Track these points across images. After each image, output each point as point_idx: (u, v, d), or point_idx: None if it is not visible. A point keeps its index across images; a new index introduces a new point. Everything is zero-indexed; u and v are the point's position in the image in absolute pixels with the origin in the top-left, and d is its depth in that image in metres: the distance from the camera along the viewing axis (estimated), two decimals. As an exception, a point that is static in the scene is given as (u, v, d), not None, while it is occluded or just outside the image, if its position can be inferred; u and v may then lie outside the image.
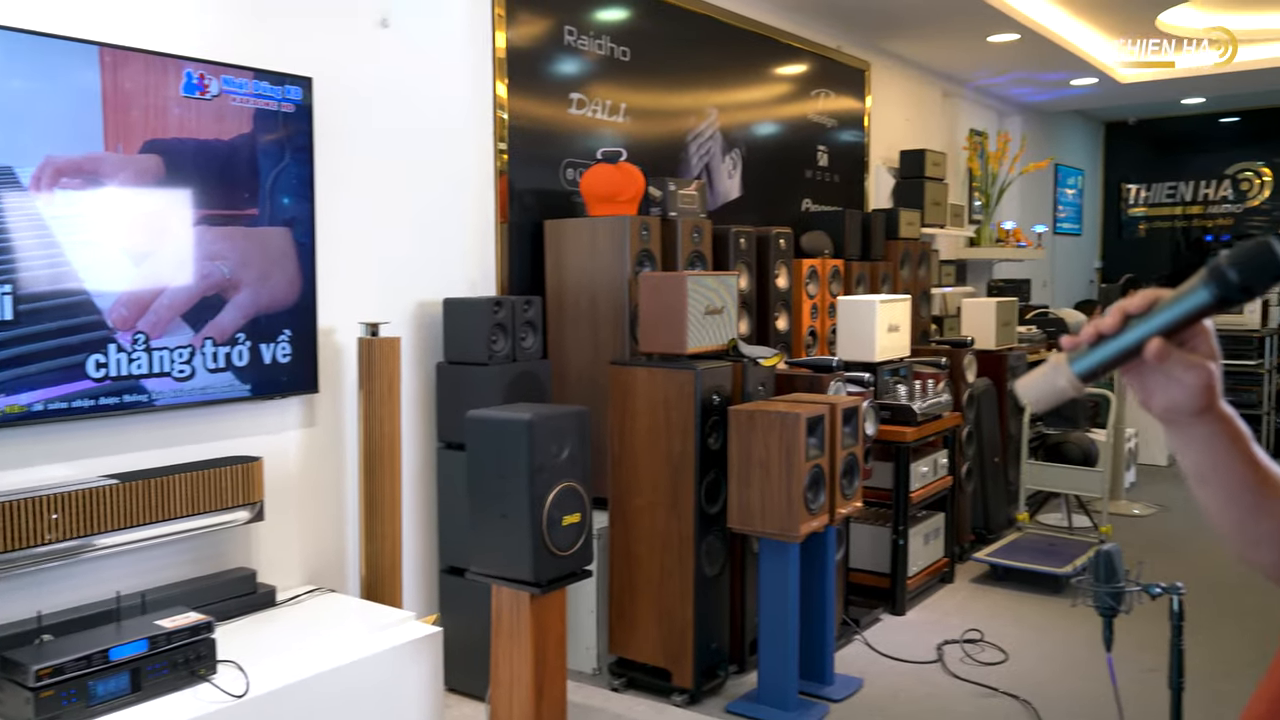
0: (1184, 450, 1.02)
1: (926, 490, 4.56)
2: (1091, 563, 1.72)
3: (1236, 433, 1.01)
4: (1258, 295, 0.90)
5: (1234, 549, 1.07)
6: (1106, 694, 2.82)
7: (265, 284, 2.93)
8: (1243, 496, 1.02)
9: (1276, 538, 1.03)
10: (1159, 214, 10.92)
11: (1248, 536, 1.04)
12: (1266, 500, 1.02)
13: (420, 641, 2.82)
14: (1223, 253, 0.90)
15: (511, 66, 3.82)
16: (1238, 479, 1.02)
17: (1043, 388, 0.98)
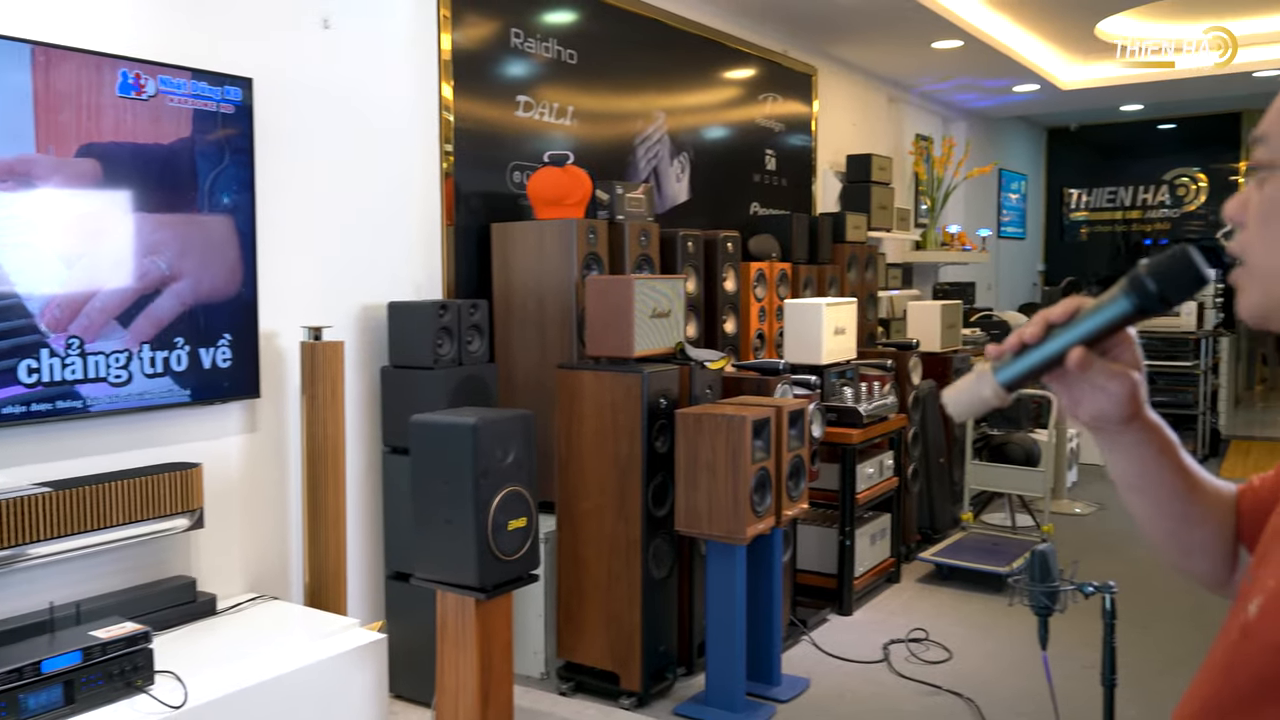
0: (1113, 459, 1.03)
1: (873, 491, 4.61)
2: (1027, 563, 1.75)
3: (1165, 441, 1.02)
4: (1176, 305, 0.91)
5: (1168, 558, 1.08)
6: (1047, 691, 2.87)
7: (205, 287, 2.88)
8: (1172, 505, 1.03)
9: (1209, 547, 1.04)
10: (1100, 218, 11.15)
11: (1180, 545, 1.06)
12: (1196, 509, 1.04)
13: (364, 649, 2.79)
14: (1142, 262, 0.91)
15: (457, 68, 3.80)
16: (1167, 487, 1.03)
17: (968, 397, 0.98)
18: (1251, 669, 0.79)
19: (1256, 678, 0.78)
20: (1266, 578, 0.82)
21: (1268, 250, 0.82)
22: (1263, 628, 0.78)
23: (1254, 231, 0.83)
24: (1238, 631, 0.83)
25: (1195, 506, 1.04)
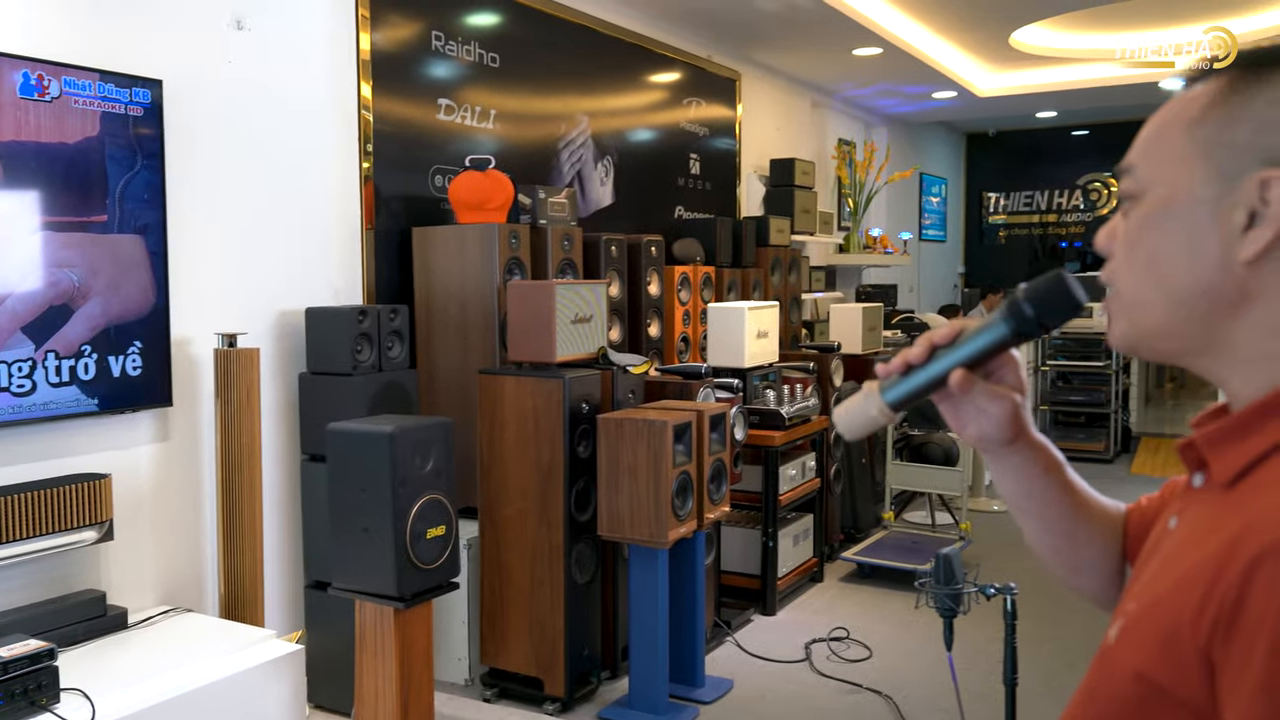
0: (1000, 478, 1.05)
1: (795, 493, 4.67)
2: (932, 566, 1.80)
3: (1051, 461, 1.03)
4: (1053, 329, 0.93)
5: (1056, 575, 1.10)
6: (967, 690, 2.94)
7: (115, 293, 2.81)
8: (1059, 524, 1.05)
9: (1097, 565, 1.06)
10: (1018, 221, 11.44)
11: (1067, 564, 1.08)
12: (1083, 528, 1.05)
13: (281, 660, 2.75)
14: (1021, 287, 0.93)
15: (377, 69, 3.76)
16: (1054, 506, 1.04)
17: (856, 416, 0.99)
18: (1110, 693, 0.80)
19: (1114, 703, 0.79)
20: (1128, 601, 0.84)
21: (1134, 280, 0.84)
22: (1119, 653, 0.80)
23: (1121, 260, 0.85)
24: (1099, 658, 0.84)
25: (1083, 526, 1.05)
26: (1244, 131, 0.78)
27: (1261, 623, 0.66)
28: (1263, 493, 0.74)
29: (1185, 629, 0.72)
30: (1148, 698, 0.75)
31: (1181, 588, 0.74)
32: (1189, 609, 0.72)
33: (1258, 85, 0.78)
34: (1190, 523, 0.83)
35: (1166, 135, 0.83)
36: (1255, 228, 0.76)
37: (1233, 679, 0.68)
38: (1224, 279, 0.78)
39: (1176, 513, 0.87)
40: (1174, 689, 0.73)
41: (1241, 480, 0.77)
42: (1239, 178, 0.77)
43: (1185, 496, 0.88)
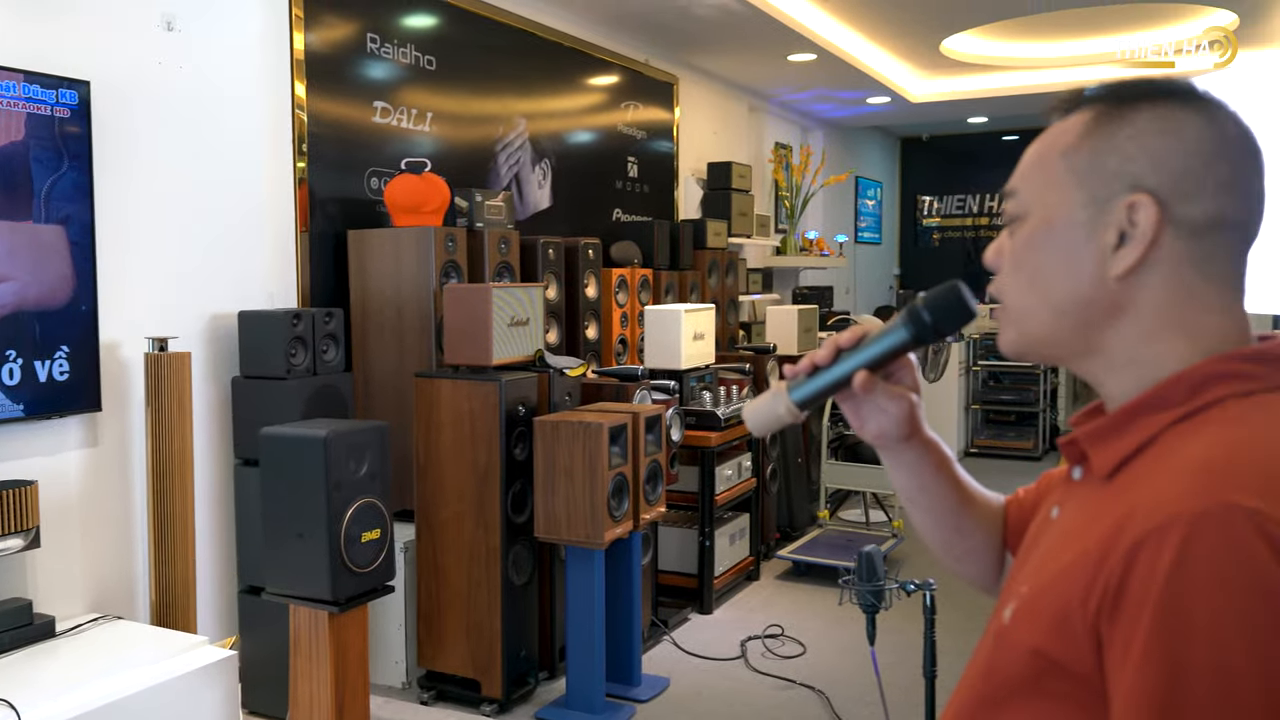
0: (895, 473, 1.13)
1: (731, 492, 4.74)
2: (855, 563, 1.86)
3: (941, 457, 1.12)
4: (948, 335, 1.01)
5: (944, 563, 1.19)
6: (890, 682, 3.02)
7: (40, 297, 2.77)
8: (947, 516, 1.14)
9: (980, 553, 1.16)
10: (951, 224, 11.66)
11: (953, 552, 1.17)
12: (968, 519, 1.14)
13: (214, 666, 2.73)
14: (920, 295, 1.01)
15: (311, 70, 3.75)
16: (943, 500, 1.13)
17: (764, 414, 1.05)
18: (1007, 671, 0.86)
19: (1011, 678, 0.86)
20: (1019, 585, 0.90)
21: (1019, 292, 0.92)
22: (1014, 631, 0.86)
23: (1008, 276, 0.93)
24: (993, 636, 0.91)
25: (968, 517, 1.14)
26: (1112, 160, 0.86)
27: (1144, 601, 0.73)
28: (1139, 484, 0.81)
29: (1076, 608, 0.79)
30: (1044, 671, 0.82)
31: (1071, 571, 0.81)
32: (1079, 590, 0.79)
33: (1121, 119, 0.87)
34: (1073, 512, 0.90)
35: (1045, 163, 0.91)
36: (1125, 246, 0.85)
37: (1119, 652, 0.75)
38: (1099, 292, 0.86)
39: (1058, 503, 0.95)
40: (1067, 663, 0.80)
41: (1119, 473, 0.85)
42: (1110, 202, 0.85)
43: (1065, 488, 0.95)
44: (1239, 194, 0.84)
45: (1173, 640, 0.71)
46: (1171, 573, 0.72)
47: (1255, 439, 0.79)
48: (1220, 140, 0.84)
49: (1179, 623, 0.71)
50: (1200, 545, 0.72)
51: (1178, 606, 0.71)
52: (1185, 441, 0.81)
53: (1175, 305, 0.85)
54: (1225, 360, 0.83)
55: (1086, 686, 0.79)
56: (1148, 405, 0.85)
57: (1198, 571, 0.71)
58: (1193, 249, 0.84)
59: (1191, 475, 0.76)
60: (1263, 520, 0.71)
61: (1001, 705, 0.87)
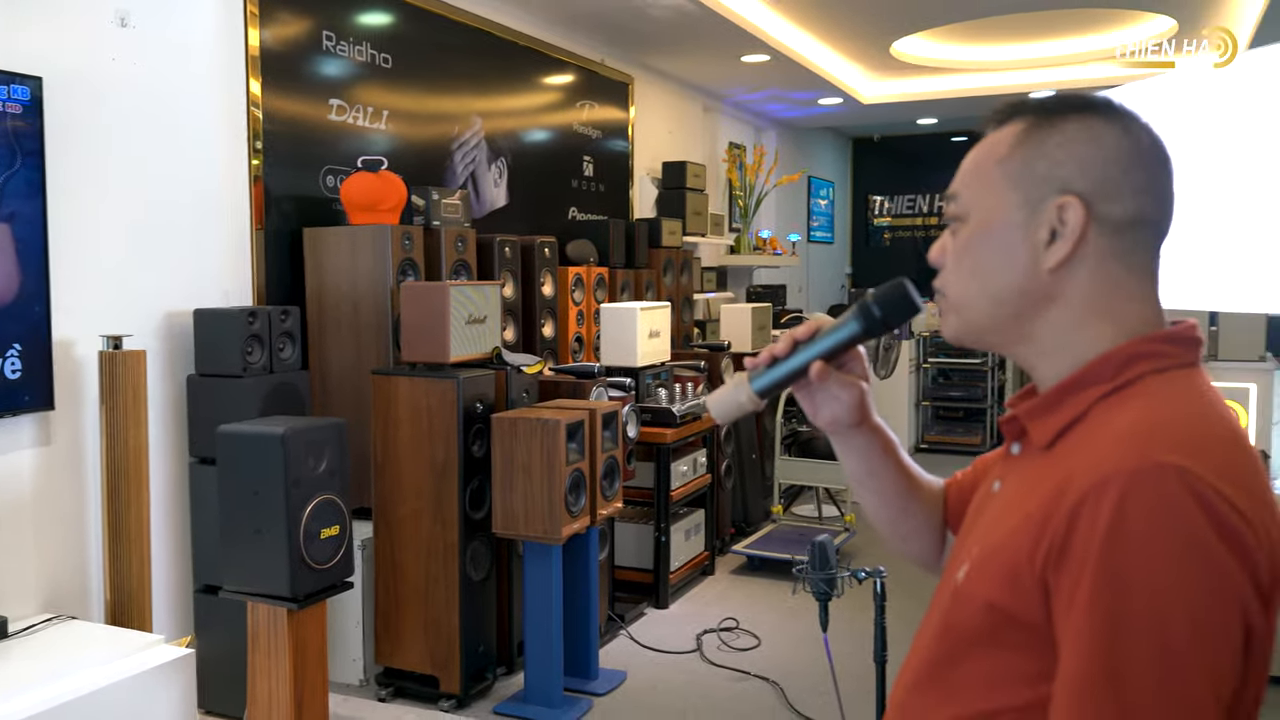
0: (846, 457, 1.22)
1: (687, 488, 4.79)
2: (809, 553, 1.91)
3: (888, 443, 1.22)
4: (896, 328, 1.09)
5: (891, 542, 1.29)
6: (841, 668, 3.09)
7: (-10, 295, 2.74)
8: (893, 497, 1.24)
9: (923, 532, 1.25)
10: (901, 224, 11.83)
11: (899, 531, 1.26)
12: (913, 500, 1.24)
13: (170, 665, 2.73)
14: (870, 291, 1.09)
15: (267, 67, 3.74)
16: (889, 482, 1.23)
17: (727, 403, 1.13)
18: (965, 626, 0.96)
19: (968, 632, 0.95)
20: (971, 546, 1.00)
21: (961, 285, 1.02)
22: (970, 588, 0.95)
23: (950, 271, 1.03)
24: (949, 596, 0.99)
25: (912, 499, 1.24)
26: (1042, 166, 0.96)
27: (1086, 552, 0.83)
28: (1076, 451, 0.91)
29: (1024, 563, 0.88)
30: (998, 623, 0.92)
31: (1020, 530, 0.90)
32: (1026, 546, 0.88)
33: (1050, 129, 0.97)
34: (1015, 483, 1.00)
35: (982, 169, 1.01)
36: (1056, 243, 0.95)
37: (1065, 600, 0.84)
38: (1033, 284, 0.97)
39: (999, 477, 1.05)
40: (1019, 614, 0.89)
41: (1056, 444, 0.95)
42: (1041, 203, 0.96)
43: (1005, 464, 1.06)
44: (1153, 196, 0.95)
45: (1113, 586, 0.81)
46: (1111, 525, 0.82)
47: (1175, 408, 0.90)
48: (1136, 149, 0.95)
49: (1118, 571, 0.81)
50: (1135, 500, 0.81)
51: (1117, 556, 0.81)
52: (1114, 413, 0.91)
53: (1100, 295, 0.95)
54: (1145, 341, 0.94)
55: (1038, 635, 0.88)
56: (1079, 383, 0.95)
57: (1134, 523, 0.81)
58: (1115, 244, 0.94)
59: (1123, 440, 0.86)
60: (1188, 476, 0.81)
61: (960, 659, 0.96)
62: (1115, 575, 0.81)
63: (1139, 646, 0.80)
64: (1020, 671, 0.90)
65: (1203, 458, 0.83)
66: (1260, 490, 0.87)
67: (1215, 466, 0.83)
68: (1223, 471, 0.83)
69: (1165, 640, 0.79)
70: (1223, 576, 0.80)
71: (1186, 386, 0.93)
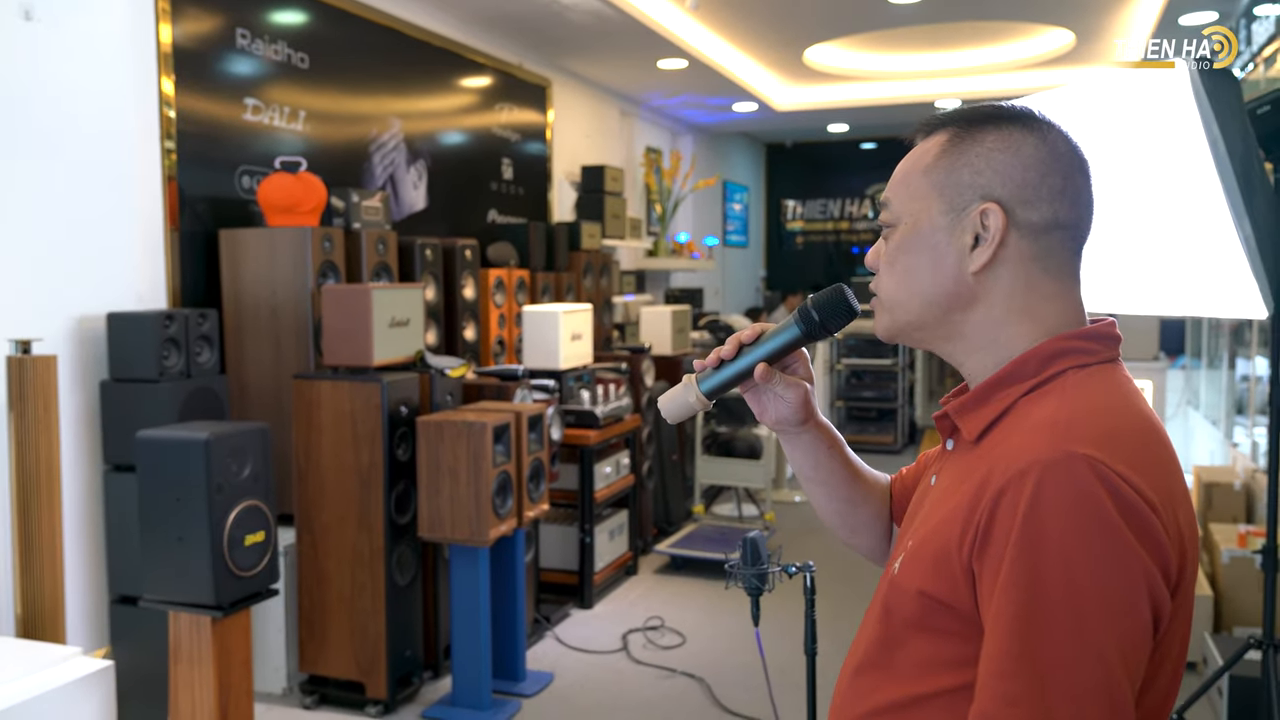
0: (793, 455, 1.27)
1: (610, 489, 4.82)
2: (740, 549, 1.96)
3: (833, 439, 1.27)
4: (834, 332, 1.15)
5: (839, 535, 1.34)
6: (771, 664, 3.15)
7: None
8: (840, 491, 1.29)
9: (870, 525, 1.31)
10: (814, 228, 12.06)
11: (847, 525, 1.32)
12: (859, 494, 1.30)
13: (87, 679, 2.65)
14: (810, 297, 1.14)
15: (179, 65, 3.65)
16: (836, 477, 1.28)
17: (677, 404, 1.17)
18: (901, 613, 1.01)
19: (904, 618, 1.00)
20: (907, 539, 1.05)
21: (893, 286, 1.08)
22: (905, 578, 1.01)
23: (884, 274, 1.09)
24: (888, 585, 1.05)
25: (859, 492, 1.29)
26: (965, 175, 1.02)
27: (1007, 536, 0.89)
28: (1001, 444, 0.97)
29: (953, 551, 0.94)
30: (931, 610, 0.97)
31: (948, 521, 0.96)
32: (954, 536, 0.94)
33: (971, 140, 1.03)
34: (947, 476, 1.06)
35: (910, 178, 1.07)
36: (979, 247, 1.01)
37: (989, 582, 0.90)
38: (959, 286, 1.03)
39: (935, 472, 1.11)
40: (949, 601, 0.95)
41: (984, 437, 1.01)
42: (965, 209, 1.02)
43: (941, 459, 1.11)
44: (1068, 200, 1.01)
45: (1030, 563, 0.87)
46: (1028, 510, 0.88)
47: (1092, 402, 0.95)
48: (1052, 156, 1.01)
49: (1035, 549, 0.87)
50: (1050, 486, 0.88)
51: (1034, 537, 0.87)
52: (1036, 407, 0.97)
53: (1021, 295, 1.01)
54: (1066, 339, 1.00)
55: (967, 621, 0.94)
56: (1005, 380, 1.01)
57: (1049, 507, 0.87)
58: (1034, 247, 1.01)
59: (1042, 432, 0.92)
60: (1098, 465, 0.88)
61: (897, 644, 1.02)
62: (1031, 558, 0.86)
63: (1052, 622, 0.85)
64: (952, 656, 0.96)
65: (1115, 449, 0.89)
66: (1170, 482, 0.92)
67: (1126, 457, 0.89)
68: (1134, 462, 0.89)
69: (1078, 617, 0.85)
70: (1129, 558, 0.86)
71: (1106, 381, 0.98)
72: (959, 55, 7.57)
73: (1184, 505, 0.94)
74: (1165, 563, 0.88)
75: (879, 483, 1.32)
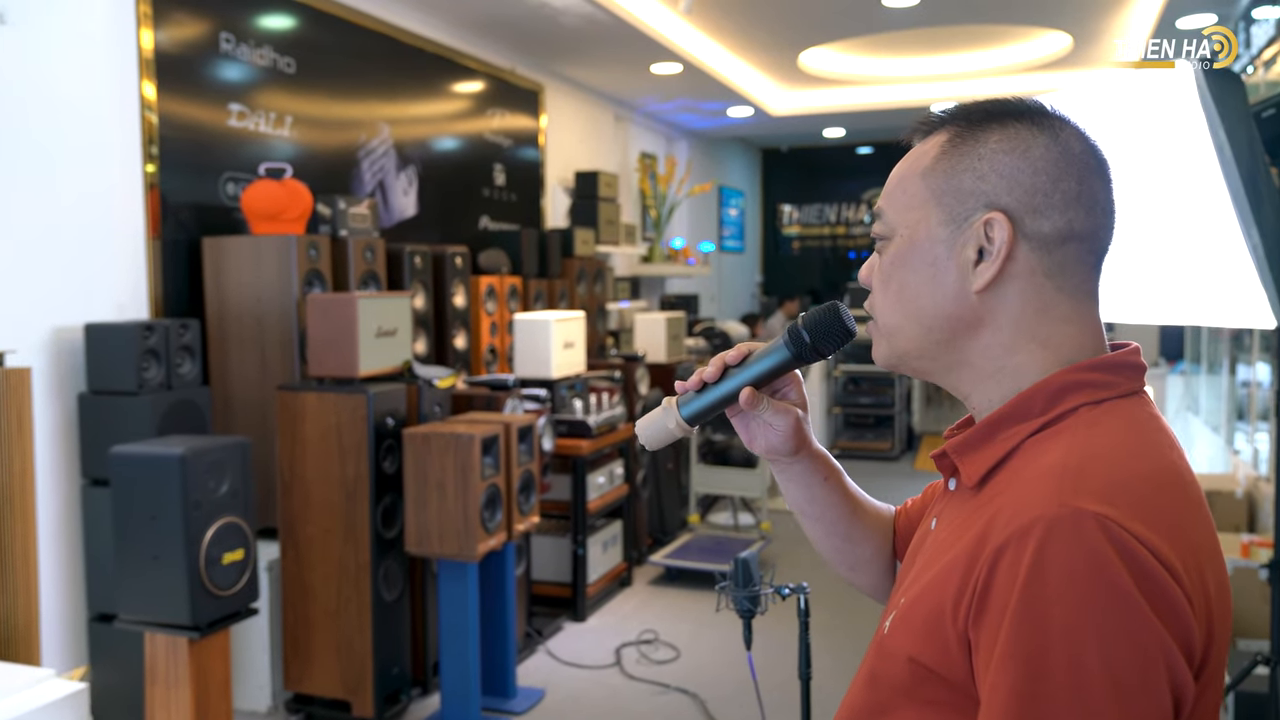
0: (786, 487, 1.15)
1: (604, 500, 4.75)
2: (731, 569, 1.88)
3: (830, 469, 1.14)
4: (827, 355, 1.03)
5: (839, 572, 1.21)
6: (767, 683, 3.07)
7: None
8: (839, 525, 1.16)
9: (872, 562, 1.18)
10: (810, 233, 12.00)
11: (846, 561, 1.19)
12: (859, 529, 1.17)
13: (61, 701, 2.56)
14: (802, 315, 1.03)
15: (162, 70, 3.58)
16: (834, 510, 1.15)
17: (655, 429, 1.06)
18: (889, 679, 0.90)
19: (893, 686, 0.89)
20: (899, 596, 0.94)
21: (888, 308, 0.95)
22: (894, 641, 0.90)
23: (878, 292, 0.97)
24: (876, 647, 0.94)
25: (859, 527, 1.17)
26: (967, 180, 0.90)
27: (1005, 604, 0.77)
28: (1003, 493, 0.85)
29: (947, 616, 0.82)
30: (921, 679, 0.85)
31: (941, 580, 0.84)
32: (949, 598, 0.82)
33: (974, 140, 0.90)
34: (947, 523, 0.94)
35: (906, 184, 0.94)
36: (983, 262, 0.89)
37: (985, 653, 0.78)
38: (961, 307, 0.90)
39: (936, 515, 0.98)
40: (941, 670, 0.83)
41: (986, 482, 0.89)
42: (967, 219, 0.89)
43: (943, 499, 0.99)
44: (1084, 207, 0.88)
45: (1032, 639, 0.75)
46: (1029, 576, 0.76)
47: (1105, 445, 0.83)
48: (1065, 157, 0.88)
49: (1037, 623, 0.75)
50: (1054, 549, 0.76)
51: (1035, 608, 0.75)
52: (1044, 449, 0.85)
53: (1032, 317, 0.89)
54: (1080, 370, 0.88)
55: (962, 693, 0.82)
56: (1010, 417, 0.89)
57: (1052, 574, 0.75)
58: (1046, 262, 0.88)
59: (1047, 481, 0.80)
60: (1108, 524, 0.75)
61: (883, 712, 0.90)
62: (1031, 631, 0.75)
63: (1054, 708, 0.74)
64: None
65: (1130, 503, 0.77)
66: (1196, 540, 0.81)
67: (1144, 513, 0.77)
68: (1152, 519, 0.77)
69: (1082, 703, 0.74)
70: (1145, 633, 0.74)
71: (1123, 419, 0.86)
72: (956, 59, 7.51)
73: (1213, 568, 0.82)
74: (1188, 638, 0.76)
75: (882, 516, 1.19)
